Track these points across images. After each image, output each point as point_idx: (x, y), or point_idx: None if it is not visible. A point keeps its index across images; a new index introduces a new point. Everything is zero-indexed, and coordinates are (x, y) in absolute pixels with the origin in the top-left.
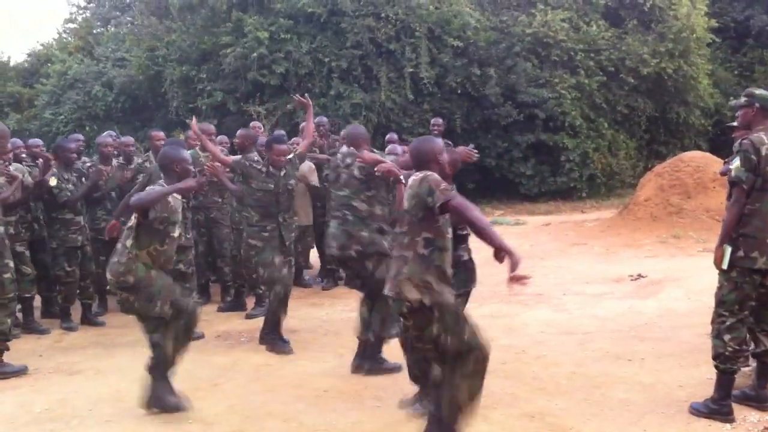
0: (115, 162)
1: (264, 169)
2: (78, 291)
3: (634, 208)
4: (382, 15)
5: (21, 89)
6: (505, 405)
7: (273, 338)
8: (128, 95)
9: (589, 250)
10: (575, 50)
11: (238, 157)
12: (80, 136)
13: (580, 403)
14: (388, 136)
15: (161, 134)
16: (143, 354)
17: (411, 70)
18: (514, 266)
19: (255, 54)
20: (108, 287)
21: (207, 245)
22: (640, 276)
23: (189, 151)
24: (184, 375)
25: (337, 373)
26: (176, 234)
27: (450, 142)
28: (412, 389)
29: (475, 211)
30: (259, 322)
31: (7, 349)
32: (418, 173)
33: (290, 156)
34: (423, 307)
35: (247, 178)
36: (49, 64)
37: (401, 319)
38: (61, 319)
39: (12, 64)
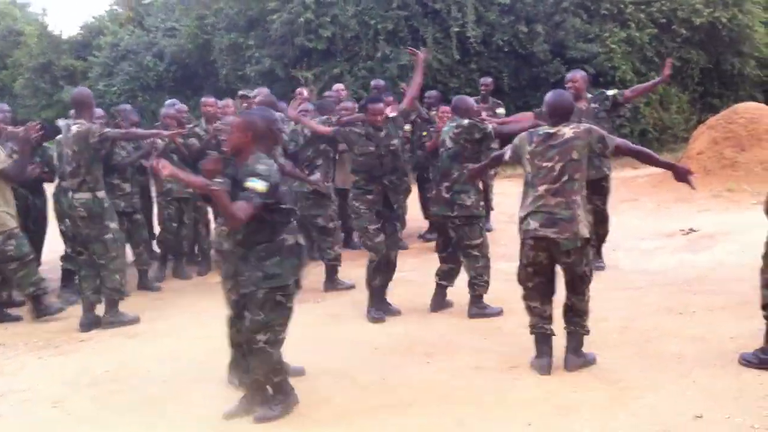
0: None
1: (363, 132)
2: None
3: (687, 162)
4: None
5: (74, 62)
6: (554, 358)
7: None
8: (179, 64)
9: (641, 206)
10: (625, 3)
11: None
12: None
13: (630, 357)
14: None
15: (212, 100)
16: (198, 317)
17: (457, 29)
18: (683, 172)
19: (301, 19)
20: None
21: None
22: (691, 230)
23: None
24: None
25: (388, 331)
26: None
27: (500, 102)
28: (461, 346)
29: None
30: (310, 282)
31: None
32: (570, 125)
33: (392, 114)
34: (586, 243)
35: (350, 145)
36: (101, 37)
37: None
38: None
39: (65, 37)
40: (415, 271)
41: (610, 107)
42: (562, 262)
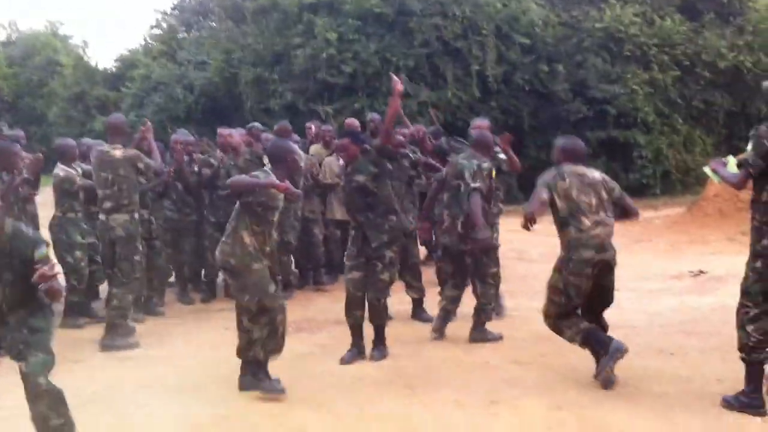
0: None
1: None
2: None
3: (703, 205)
4: (449, 14)
5: (107, 93)
6: (535, 395)
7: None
8: (208, 97)
9: (653, 247)
10: (648, 45)
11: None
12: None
13: (611, 396)
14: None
15: (226, 131)
16: (194, 343)
17: (478, 67)
18: None
19: (324, 54)
20: (169, 278)
21: None
22: (700, 272)
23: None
24: (223, 357)
25: (375, 363)
26: (274, 218)
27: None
28: (445, 379)
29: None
30: (311, 312)
31: (125, 325)
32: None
33: (369, 149)
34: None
35: None
36: (134, 69)
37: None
38: None
39: (100, 69)
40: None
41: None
42: (606, 281)
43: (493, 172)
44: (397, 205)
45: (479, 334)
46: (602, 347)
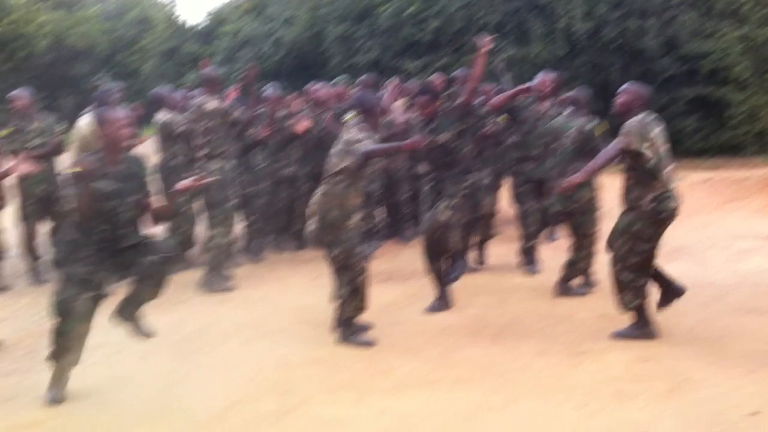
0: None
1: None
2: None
3: None
4: None
5: (197, 49)
6: (621, 348)
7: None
8: (295, 53)
9: (746, 207)
10: (741, 0)
11: None
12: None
13: (698, 352)
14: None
15: (315, 87)
16: (287, 288)
17: (565, 23)
18: None
19: (408, 11)
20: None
21: None
22: None
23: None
24: (315, 302)
25: (461, 312)
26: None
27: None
28: (529, 330)
29: None
30: (398, 264)
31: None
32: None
33: (450, 108)
34: None
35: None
36: (225, 25)
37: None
38: None
39: (189, 25)
40: (498, 257)
41: None
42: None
43: (604, 125)
44: (476, 163)
45: (565, 289)
46: (643, 324)
